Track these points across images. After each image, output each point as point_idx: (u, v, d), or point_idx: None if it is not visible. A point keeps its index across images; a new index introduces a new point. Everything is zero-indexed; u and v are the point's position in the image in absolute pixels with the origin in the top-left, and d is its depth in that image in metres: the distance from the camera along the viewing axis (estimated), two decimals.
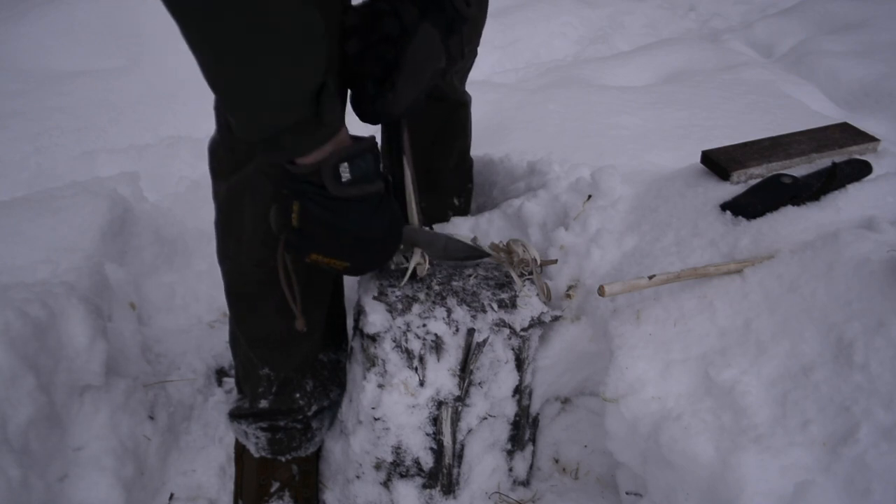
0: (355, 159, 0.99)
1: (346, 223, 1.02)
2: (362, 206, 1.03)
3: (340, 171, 0.98)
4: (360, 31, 1.08)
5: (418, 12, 1.07)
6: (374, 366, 1.31)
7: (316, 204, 1.00)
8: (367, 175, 1.01)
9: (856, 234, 1.17)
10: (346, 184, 0.99)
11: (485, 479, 1.41)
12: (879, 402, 0.99)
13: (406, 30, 1.07)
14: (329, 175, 0.98)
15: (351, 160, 0.99)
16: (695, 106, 2.48)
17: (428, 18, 1.08)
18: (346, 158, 0.98)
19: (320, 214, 1.01)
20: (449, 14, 1.11)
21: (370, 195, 1.03)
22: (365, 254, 1.10)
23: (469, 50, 1.51)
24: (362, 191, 1.01)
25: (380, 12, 1.08)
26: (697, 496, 1.08)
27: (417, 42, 1.07)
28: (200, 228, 1.98)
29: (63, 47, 3.57)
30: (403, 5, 1.08)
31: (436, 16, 1.09)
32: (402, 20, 1.07)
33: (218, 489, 1.51)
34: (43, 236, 1.59)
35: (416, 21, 1.07)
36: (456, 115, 1.61)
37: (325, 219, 1.01)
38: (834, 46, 3.55)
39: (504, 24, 4.18)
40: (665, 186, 1.49)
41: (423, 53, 1.09)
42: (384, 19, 1.07)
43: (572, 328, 1.40)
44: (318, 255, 1.06)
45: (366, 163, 1.01)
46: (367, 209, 1.04)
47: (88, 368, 1.34)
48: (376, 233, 1.07)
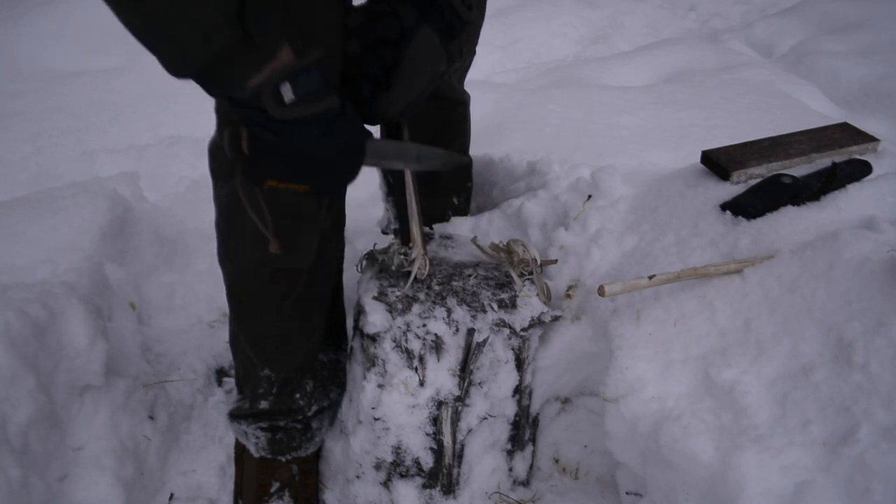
0: (298, 77, 0.93)
1: (296, 145, 0.97)
2: (311, 126, 0.97)
3: (282, 91, 0.92)
4: (359, 32, 1.08)
5: (417, 15, 1.07)
6: (374, 366, 1.31)
7: (262, 128, 0.95)
8: (314, 92, 0.95)
9: (856, 234, 1.17)
10: (290, 105, 0.93)
11: (485, 479, 1.41)
12: (879, 402, 0.99)
13: (405, 32, 1.06)
14: (269, 97, 0.92)
15: (293, 79, 0.93)
16: (695, 106, 2.48)
17: (428, 22, 1.08)
18: (286, 77, 0.92)
19: (268, 138, 0.95)
20: (449, 18, 1.10)
21: (320, 113, 0.97)
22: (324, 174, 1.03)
23: (467, 50, 1.51)
24: (309, 111, 0.95)
25: (380, 14, 1.08)
26: (697, 496, 1.08)
27: (416, 45, 1.07)
28: (200, 228, 1.98)
29: (63, 47, 3.57)
30: (403, 8, 1.07)
31: (435, 19, 1.09)
32: (402, 23, 1.07)
33: (218, 489, 1.51)
34: (43, 236, 1.59)
35: (416, 24, 1.07)
36: (454, 113, 1.61)
37: (273, 143, 0.95)
38: (834, 46, 3.55)
39: (504, 24, 4.18)
40: (665, 186, 1.49)
41: (421, 56, 1.08)
42: (384, 21, 1.07)
43: (572, 328, 1.40)
44: (275, 180, 1.01)
45: (311, 80, 0.94)
46: (319, 128, 0.97)
47: (88, 368, 1.34)
48: (331, 151, 1.00)
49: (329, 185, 1.08)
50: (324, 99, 0.96)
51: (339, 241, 1.38)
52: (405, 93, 1.09)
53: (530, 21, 4.30)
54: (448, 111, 1.58)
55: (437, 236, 1.58)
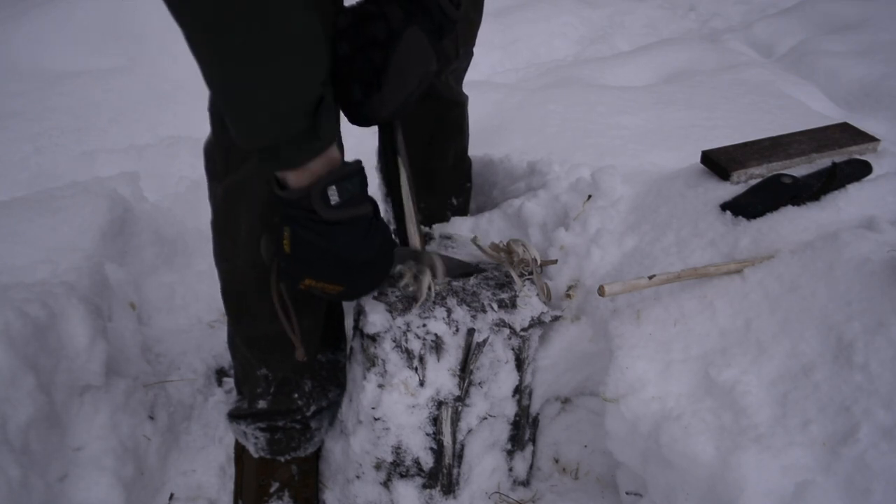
0: (343, 182, 1.00)
1: (337, 246, 1.04)
2: (352, 229, 1.04)
3: (329, 194, 0.99)
4: (348, 34, 1.09)
5: (404, 15, 1.08)
6: (374, 366, 1.31)
7: (306, 228, 1.02)
8: (356, 197, 1.03)
9: (856, 234, 1.17)
10: (334, 207, 1.00)
11: (485, 479, 1.41)
12: (879, 402, 0.99)
13: (393, 34, 1.07)
14: (318, 198, 0.99)
15: (339, 183, 1.00)
16: (695, 106, 2.48)
17: (415, 22, 1.08)
18: (333, 182, 0.99)
19: (311, 238, 1.02)
20: (436, 18, 1.11)
21: (359, 217, 1.04)
22: (357, 276, 1.11)
23: (464, 50, 1.51)
24: (351, 213, 1.02)
25: (368, 15, 1.08)
26: (697, 496, 1.08)
27: (404, 46, 1.08)
28: (200, 228, 1.98)
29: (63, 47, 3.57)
30: (391, 9, 1.08)
31: (423, 19, 1.10)
32: (390, 24, 1.07)
33: (218, 489, 1.51)
34: (43, 236, 1.59)
35: (404, 25, 1.08)
36: (451, 114, 1.61)
37: (315, 243, 1.02)
38: (834, 46, 3.55)
39: (504, 24, 4.18)
40: (665, 186, 1.49)
41: (410, 57, 1.09)
42: (372, 22, 1.08)
43: (572, 328, 1.40)
44: (311, 279, 1.08)
45: (353, 185, 1.02)
46: (357, 231, 1.05)
47: (88, 368, 1.34)
48: (367, 254, 1.08)
49: (361, 287, 1.17)
50: (363, 204, 1.04)
51: None
52: (396, 94, 1.11)
53: (530, 21, 4.30)
54: (445, 112, 1.58)
55: (437, 236, 1.58)
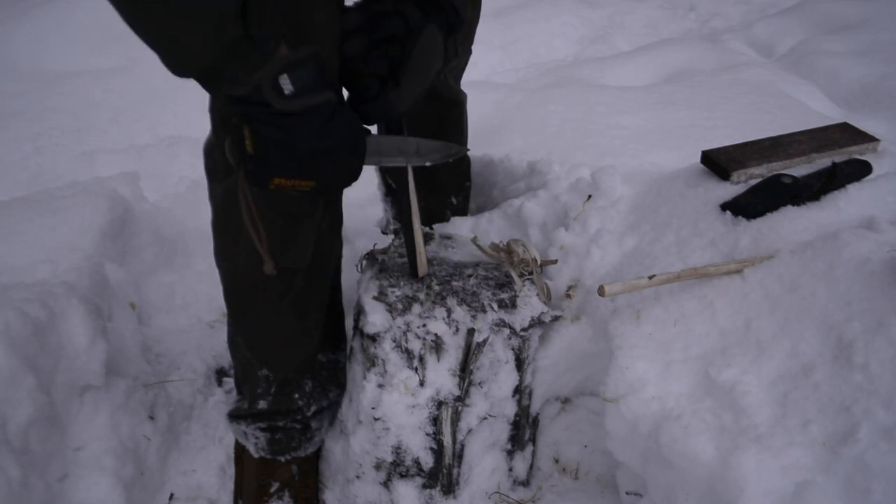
0: (296, 70, 0.94)
1: (300, 138, 0.99)
2: (313, 118, 0.99)
3: (281, 83, 0.94)
4: (362, 31, 1.08)
5: (421, 13, 1.08)
6: (374, 366, 1.31)
7: (265, 124, 0.97)
8: (312, 84, 0.96)
9: (856, 234, 1.17)
10: (290, 96, 0.95)
11: (485, 479, 1.41)
12: (879, 402, 0.99)
13: (412, 30, 1.07)
14: (270, 90, 0.93)
15: (291, 71, 0.94)
16: (695, 106, 2.48)
17: (432, 20, 1.09)
18: (284, 69, 0.93)
19: (272, 133, 0.97)
20: (450, 16, 1.12)
21: (319, 106, 0.98)
22: (327, 167, 1.05)
23: (463, 49, 1.51)
24: (309, 101, 0.97)
25: (383, 12, 1.08)
26: (697, 496, 1.08)
27: (423, 42, 1.08)
28: (200, 228, 1.98)
29: (63, 47, 3.57)
30: (407, 6, 1.08)
31: (438, 17, 1.10)
32: (408, 21, 1.07)
33: (218, 489, 1.51)
34: (43, 236, 1.59)
35: (422, 22, 1.08)
36: (451, 113, 1.61)
37: (277, 137, 0.97)
38: (834, 46, 3.55)
39: (504, 24, 4.18)
40: (665, 186, 1.49)
41: (427, 54, 1.09)
42: (389, 19, 1.08)
43: (572, 328, 1.40)
44: (280, 178, 1.02)
45: (308, 72, 0.95)
46: (319, 120, 0.99)
47: (88, 368, 1.34)
48: (334, 142, 1.02)
49: (334, 181, 1.10)
50: (321, 92, 0.98)
51: (337, 240, 1.38)
52: (413, 89, 1.10)
53: (530, 21, 4.31)
54: (445, 111, 1.58)
55: (437, 236, 1.58)
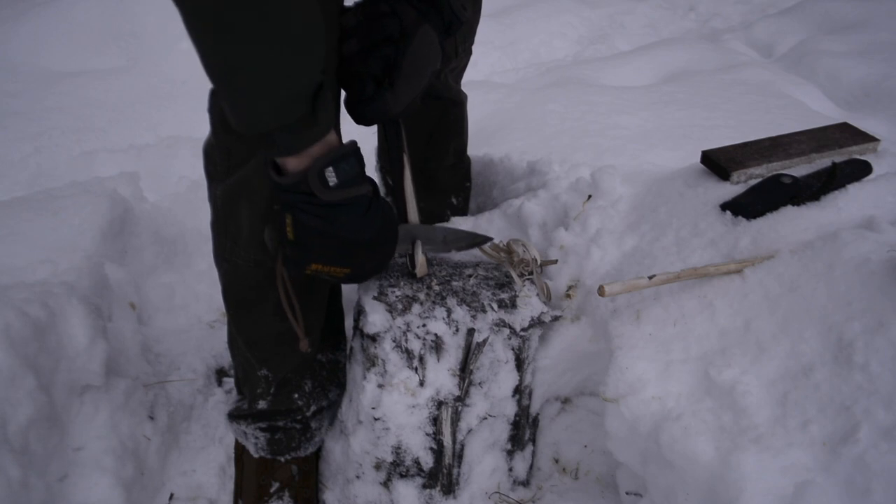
0: (340, 163, 1.00)
1: (339, 228, 1.04)
2: (352, 210, 1.04)
3: (327, 175, 0.99)
4: (360, 32, 1.09)
5: (417, 14, 1.08)
6: (374, 366, 1.31)
7: (307, 213, 1.02)
8: (354, 178, 1.02)
9: (856, 234, 1.17)
10: (333, 188, 1.00)
11: (485, 479, 1.41)
12: (879, 402, 0.99)
13: (406, 31, 1.08)
14: (316, 180, 0.99)
15: (335, 164, 1.00)
16: (695, 106, 2.48)
17: (427, 20, 1.09)
18: (330, 163, 0.99)
19: (313, 223, 1.02)
20: (447, 17, 1.13)
21: (359, 198, 1.04)
22: (363, 257, 1.11)
23: (463, 49, 1.51)
24: (350, 193, 1.02)
25: (379, 13, 1.09)
26: (697, 496, 1.08)
27: (417, 43, 1.08)
28: (200, 228, 1.98)
29: (62, 47, 3.58)
30: (403, 7, 1.09)
31: (434, 18, 1.10)
32: (403, 21, 1.08)
33: (218, 489, 1.51)
34: (43, 236, 1.59)
35: (417, 23, 1.08)
36: (451, 113, 1.61)
37: (318, 226, 1.03)
38: (834, 46, 3.55)
39: (504, 24, 4.18)
40: (665, 186, 1.49)
41: (422, 54, 1.10)
42: (384, 20, 1.08)
43: (572, 328, 1.40)
44: (317, 264, 1.08)
45: (350, 166, 1.02)
46: (358, 212, 1.05)
47: (88, 368, 1.34)
48: (371, 234, 1.08)
49: (367, 268, 1.16)
50: (362, 184, 1.04)
51: None
52: (408, 90, 1.11)
53: (530, 21, 4.31)
54: (444, 111, 1.58)
55: None
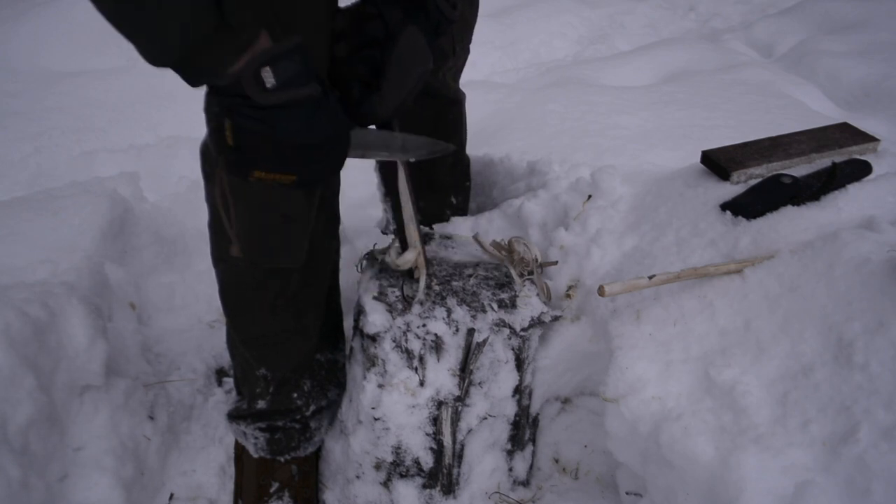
0: (279, 62, 0.92)
1: (281, 132, 0.96)
2: (296, 112, 0.96)
3: (263, 76, 0.92)
4: (347, 35, 1.08)
5: (402, 15, 1.08)
6: (374, 366, 1.31)
7: (245, 117, 0.94)
8: (297, 78, 0.94)
9: (856, 234, 1.17)
10: (271, 90, 0.93)
11: (485, 479, 1.41)
12: (879, 402, 0.99)
13: (391, 33, 1.07)
14: (250, 82, 0.91)
15: (274, 63, 0.92)
16: (695, 106, 2.48)
17: (413, 21, 1.08)
18: (266, 62, 0.91)
19: (251, 126, 0.95)
20: (434, 17, 1.11)
21: (302, 99, 0.96)
22: (309, 163, 1.03)
23: (461, 48, 1.51)
24: (292, 95, 0.95)
25: (366, 15, 1.08)
26: (697, 496, 1.08)
27: (402, 45, 1.07)
28: (200, 228, 1.97)
29: (62, 47, 3.58)
30: (388, 8, 1.07)
31: (421, 18, 1.09)
32: (388, 23, 1.07)
33: (218, 489, 1.51)
34: (43, 236, 1.59)
35: (401, 24, 1.07)
36: (449, 112, 1.61)
37: (257, 131, 0.95)
38: (834, 46, 3.55)
39: (504, 24, 4.18)
40: (665, 186, 1.49)
41: (408, 56, 1.08)
42: (370, 23, 1.07)
43: (572, 328, 1.40)
44: (260, 171, 1.00)
45: (292, 64, 0.93)
46: (301, 115, 0.97)
47: (88, 368, 1.34)
48: (316, 137, 1.00)
49: (315, 175, 1.07)
50: (305, 85, 0.95)
51: (334, 240, 1.38)
52: (395, 93, 1.10)
53: (530, 21, 4.31)
54: (443, 110, 1.58)
55: (437, 236, 1.58)
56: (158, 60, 0.89)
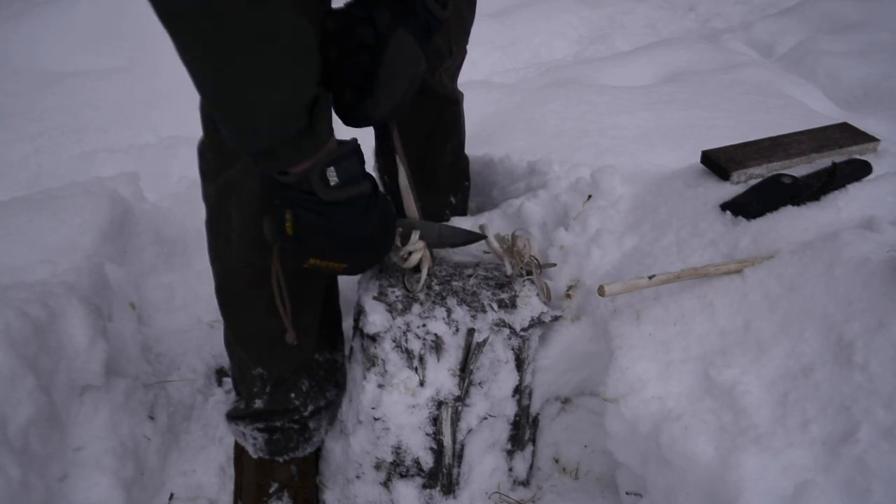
0: (341, 163, 1.02)
1: (339, 225, 1.05)
2: (353, 207, 1.06)
3: (328, 175, 1.01)
4: (337, 38, 1.09)
5: (391, 18, 1.08)
6: (374, 366, 1.31)
7: (307, 210, 1.03)
8: (354, 176, 1.04)
9: (856, 234, 1.17)
10: (334, 187, 1.02)
11: (485, 479, 1.41)
12: (879, 402, 0.99)
13: (381, 37, 1.08)
14: (317, 180, 1.00)
15: (337, 164, 1.01)
16: (695, 106, 2.48)
17: (402, 24, 1.09)
18: (332, 163, 1.01)
19: (313, 220, 1.04)
20: (423, 18, 1.12)
21: (359, 195, 1.06)
22: (360, 253, 1.13)
23: (458, 48, 1.51)
24: (351, 192, 1.04)
25: (355, 19, 1.09)
26: (697, 496, 1.08)
27: (392, 49, 1.09)
28: (200, 228, 1.96)
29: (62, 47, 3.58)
30: (378, 11, 1.09)
31: (410, 20, 1.10)
32: (377, 27, 1.08)
33: (218, 489, 1.51)
34: (43, 236, 1.59)
35: (391, 28, 1.08)
36: (447, 112, 1.61)
37: (318, 224, 1.04)
38: (834, 46, 3.55)
39: (504, 24, 4.18)
40: (665, 186, 1.49)
41: (399, 60, 1.10)
42: (359, 27, 1.09)
43: (572, 328, 1.40)
44: (315, 258, 1.10)
45: (351, 165, 1.03)
46: (358, 209, 1.06)
47: (88, 368, 1.34)
48: (369, 231, 1.10)
49: (364, 263, 1.18)
50: (361, 182, 1.05)
51: None
52: (387, 96, 1.12)
53: (530, 21, 4.31)
54: (441, 110, 1.58)
55: None
56: (245, 148, 0.97)
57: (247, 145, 0.96)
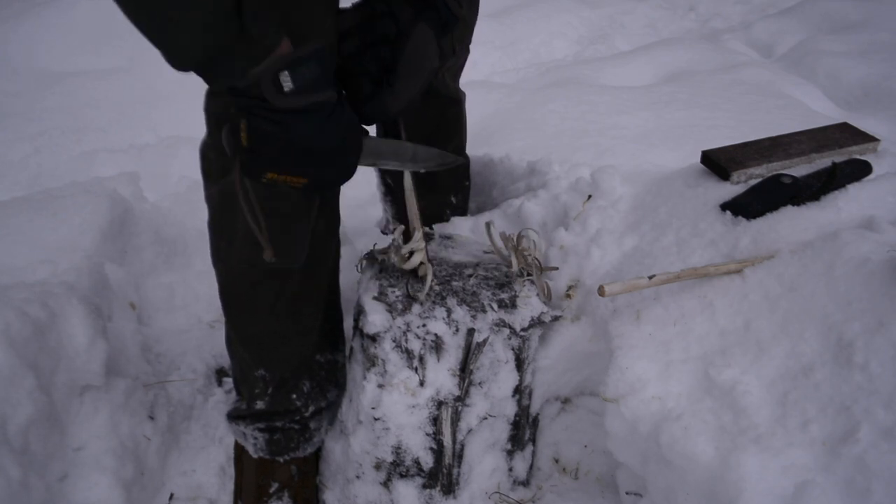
0: (298, 67, 0.94)
1: (295, 135, 0.98)
2: (311, 117, 0.98)
3: (281, 80, 0.94)
4: (356, 32, 1.09)
5: (413, 13, 1.08)
6: (374, 366, 1.31)
7: (262, 119, 0.96)
8: (313, 82, 0.96)
9: (856, 234, 1.17)
10: (288, 94, 0.94)
11: (485, 479, 1.41)
12: (879, 402, 0.99)
13: (403, 30, 1.08)
14: (269, 86, 0.93)
15: (293, 68, 0.94)
16: (695, 106, 2.48)
17: (423, 19, 1.09)
18: (285, 66, 0.93)
19: (267, 129, 0.97)
20: (443, 14, 1.12)
21: (318, 104, 0.98)
22: (321, 167, 1.05)
23: (461, 48, 1.51)
24: (310, 99, 0.96)
25: (376, 13, 1.09)
26: (697, 496, 1.08)
27: (414, 42, 1.08)
28: (200, 228, 1.97)
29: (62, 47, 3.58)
30: (399, 6, 1.08)
31: (430, 16, 1.10)
32: (399, 21, 1.08)
33: (218, 489, 1.51)
34: (43, 236, 1.59)
35: (413, 21, 1.08)
36: (449, 112, 1.61)
37: (273, 133, 0.97)
38: (834, 46, 3.56)
39: (504, 24, 4.18)
40: (665, 186, 1.49)
41: (419, 53, 1.10)
42: (381, 20, 1.08)
43: (572, 328, 1.40)
44: (273, 172, 1.02)
45: (310, 70, 0.95)
46: (317, 119, 0.99)
47: (88, 368, 1.34)
48: (330, 142, 1.02)
49: (326, 180, 1.09)
50: (322, 90, 0.97)
51: (334, 240, 1.38)
52: (407, 89, 1.11)
53: (530, 21, 4.31)
54: (443, 110, 1.58)
55: (437, 236, 1.58)
56: (180, 63, 0.92)
57: (181, 60, 0.91)
